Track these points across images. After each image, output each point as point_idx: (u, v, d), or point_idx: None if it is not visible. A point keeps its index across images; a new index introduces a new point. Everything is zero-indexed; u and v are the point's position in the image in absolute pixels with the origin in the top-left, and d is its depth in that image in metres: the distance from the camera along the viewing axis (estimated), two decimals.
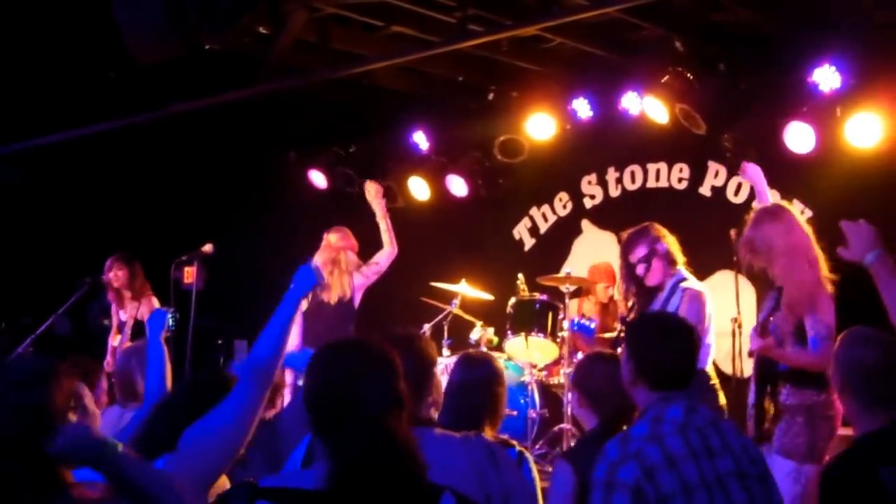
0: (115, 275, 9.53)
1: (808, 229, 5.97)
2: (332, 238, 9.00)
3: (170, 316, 5.10)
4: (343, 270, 8.94)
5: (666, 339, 3.98)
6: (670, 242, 6.86)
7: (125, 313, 9.59)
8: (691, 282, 6.78)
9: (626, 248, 6.98)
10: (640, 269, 6.82)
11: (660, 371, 3.88)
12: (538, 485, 4.36)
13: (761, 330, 5.94)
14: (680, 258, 6.87)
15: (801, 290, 5.76)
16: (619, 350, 6.15)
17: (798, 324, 5.74)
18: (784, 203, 6.27)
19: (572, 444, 8.10)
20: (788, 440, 5.72)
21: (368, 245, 10.64)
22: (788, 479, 5.70)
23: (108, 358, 9.53)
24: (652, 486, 3.55)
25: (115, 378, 5.90)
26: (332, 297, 8.89)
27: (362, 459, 2.78)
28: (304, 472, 2.99)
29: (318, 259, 8.77)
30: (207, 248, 8.74)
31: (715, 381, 6.76)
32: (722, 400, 6.72)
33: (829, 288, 5.80)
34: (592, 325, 8.08)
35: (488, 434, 4.31)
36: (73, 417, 3.45)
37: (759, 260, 5.98)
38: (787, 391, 5.77)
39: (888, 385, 3.84)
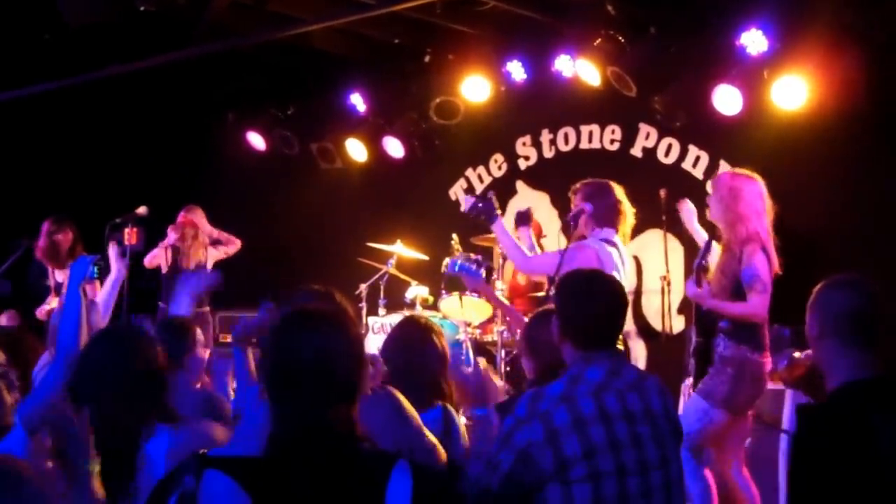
0: (65, 236, 9.51)
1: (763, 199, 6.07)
2: (195, 216, 10.20)
3: (93, 264, 4.98)
4: (199, 242, 10.07)
5: (590, 298, 3.86)
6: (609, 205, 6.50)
7: (62, 275, 9.55)
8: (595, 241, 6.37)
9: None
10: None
11: (583, 331, 3.80)
12: (464, 439, 4.49)
13: (696, 277, 6.11)
14: (622, 225, 6.52)
15: (738, 243, 5.95)
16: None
17: (735, 276, 5.92)
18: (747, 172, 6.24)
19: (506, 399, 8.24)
20: (712, 383, 5.94)
21: (304, 203, 10.69)
22: (695, 415, 5.90)
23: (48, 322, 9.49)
24: (552, 450, 3.51)
25: (50, 329, 5.92)
26: (190, 263, 9.91)
27: (305, 424, 2.77)
28: (249, 440, 3.00)
29: (175, 233, 9.99)
30: (142, 210, 8.81)
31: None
32: None
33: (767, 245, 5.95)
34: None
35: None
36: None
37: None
38: (725, 344, 5.97)
39: (872, 324, 3.50)
